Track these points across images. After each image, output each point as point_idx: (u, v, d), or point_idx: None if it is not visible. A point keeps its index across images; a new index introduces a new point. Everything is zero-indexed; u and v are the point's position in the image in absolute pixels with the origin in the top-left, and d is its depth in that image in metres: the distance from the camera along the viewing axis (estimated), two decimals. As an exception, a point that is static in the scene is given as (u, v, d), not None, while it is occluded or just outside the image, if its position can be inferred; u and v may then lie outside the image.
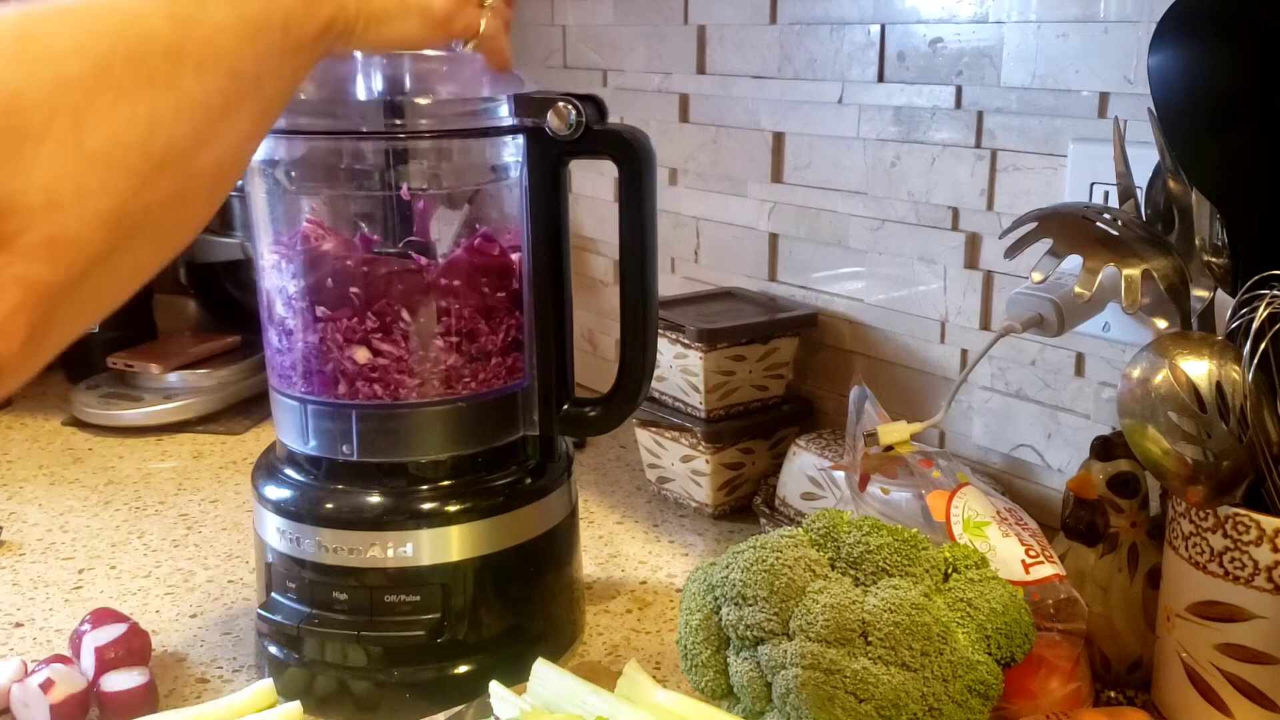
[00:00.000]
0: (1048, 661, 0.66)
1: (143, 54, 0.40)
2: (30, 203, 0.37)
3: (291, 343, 0.72)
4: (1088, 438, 0.74)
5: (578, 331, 1.28)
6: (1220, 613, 0.63)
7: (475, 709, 0.65)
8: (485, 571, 0.71)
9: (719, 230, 1.12)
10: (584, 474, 1.10)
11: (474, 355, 0.72)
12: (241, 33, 0.44)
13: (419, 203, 0.70)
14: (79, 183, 0.38)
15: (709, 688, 0.65)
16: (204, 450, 1.18)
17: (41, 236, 0.38)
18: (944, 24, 0.88)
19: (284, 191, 0.71)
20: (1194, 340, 0.63)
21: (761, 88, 1.04)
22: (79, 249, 0.39)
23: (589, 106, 0.69)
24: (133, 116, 0.40)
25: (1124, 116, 0.76)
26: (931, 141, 0.91)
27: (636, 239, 0.71)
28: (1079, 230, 0.67)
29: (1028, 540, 0.69)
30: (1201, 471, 0.61)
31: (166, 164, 0.41)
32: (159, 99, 0.40)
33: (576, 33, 1.24)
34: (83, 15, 0.39)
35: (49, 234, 0.38)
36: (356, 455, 0.72)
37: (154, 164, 0.41)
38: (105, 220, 0.39)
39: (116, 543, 0.97)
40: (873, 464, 0.75)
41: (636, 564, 0.92)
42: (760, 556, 0.64)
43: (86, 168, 0.38)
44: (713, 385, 0.96)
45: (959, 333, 0.92)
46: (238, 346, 1.33)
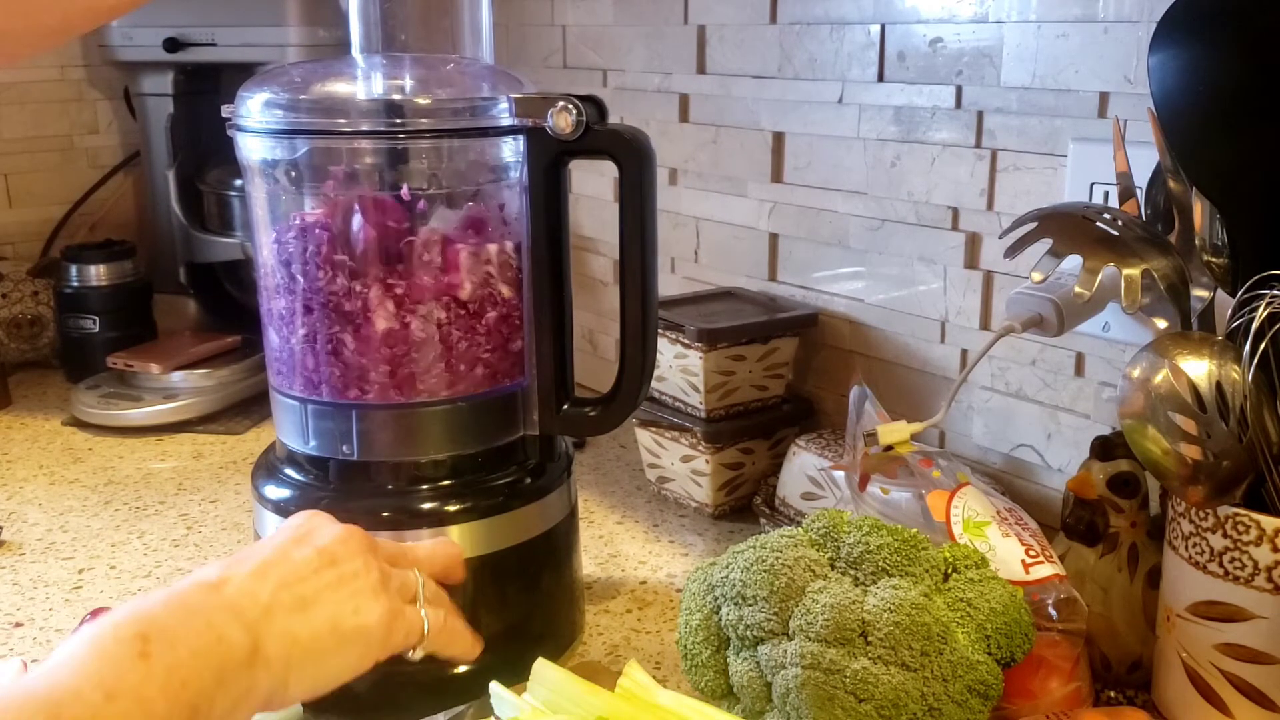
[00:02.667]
0: (1048, 661, 0.66)
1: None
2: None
3: (291, 342, 0.72)
4: (1088, 438, 0.74)
5: (578, 331, 1.28)
6: (1220, 613, 0.63)
7: (475, 709, 0.65)
8: (485, 571, 0.71)
9: (719, 230, 1.12)
10: (584, 474, 1.09)
11: (474, 355, 0.72)
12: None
13: (419, 202, 0.70)
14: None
15: (709, 688, 0.65)
16: (204, 450, 1.18)
17: None
18: (944, 24, 0.88)
19: (284, 191, 0.71)
20: (1194, 340, 0.63)
21: (761, 88, 1.04)
22: None
23: (589, 106, 0.69)
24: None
25: (1124, 116, 0.76)
26: (931, 141, 0.91)
27: (636, 239, 0.71)
28: (1079, 230, 0.67)
29: (1028, 540, 0.69)
30: (1201, 471, 0.61)
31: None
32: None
33: (576, 33, 1.24)
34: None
35: None
36: (356, 455, 0.72)
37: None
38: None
39: (116, 543, 0.97)
40: (873, 464, 0.75)
41: (636, 564, 0.92)
42: (760, 556, 0.64)
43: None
44: (713, 385, 0.96)
45: (959, 333, 0.92)
46: (238, 346, 1.32)
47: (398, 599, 0.58)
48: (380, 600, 0.56)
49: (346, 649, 0.54)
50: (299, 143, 0.70)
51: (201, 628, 0.48)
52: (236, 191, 1.32)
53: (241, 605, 0.51)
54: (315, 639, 0.53)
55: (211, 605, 0.50)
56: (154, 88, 1.38)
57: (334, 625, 0.54)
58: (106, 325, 1.34)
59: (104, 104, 1.51)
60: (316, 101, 0.70)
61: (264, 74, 0.73)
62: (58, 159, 1.49)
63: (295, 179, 0.71)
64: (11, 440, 1.20)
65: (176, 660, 0.46)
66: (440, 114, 0.69)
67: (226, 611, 0.50)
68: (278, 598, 0.52)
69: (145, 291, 1.39)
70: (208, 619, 0.49)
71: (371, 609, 0.55)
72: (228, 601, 0.51)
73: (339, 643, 0.54)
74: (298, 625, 0.52)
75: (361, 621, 0.55)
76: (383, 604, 0.56)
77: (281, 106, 0.70)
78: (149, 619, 0.47)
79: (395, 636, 0.57)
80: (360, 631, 0.55)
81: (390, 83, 0.71)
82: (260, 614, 0.51)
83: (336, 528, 0.58)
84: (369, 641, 0.55)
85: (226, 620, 0.50)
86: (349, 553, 0.56)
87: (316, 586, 0.54)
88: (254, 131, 0.71)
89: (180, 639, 0.47)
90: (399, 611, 0.57)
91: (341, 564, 0.56)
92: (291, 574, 0.54)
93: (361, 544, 0.58)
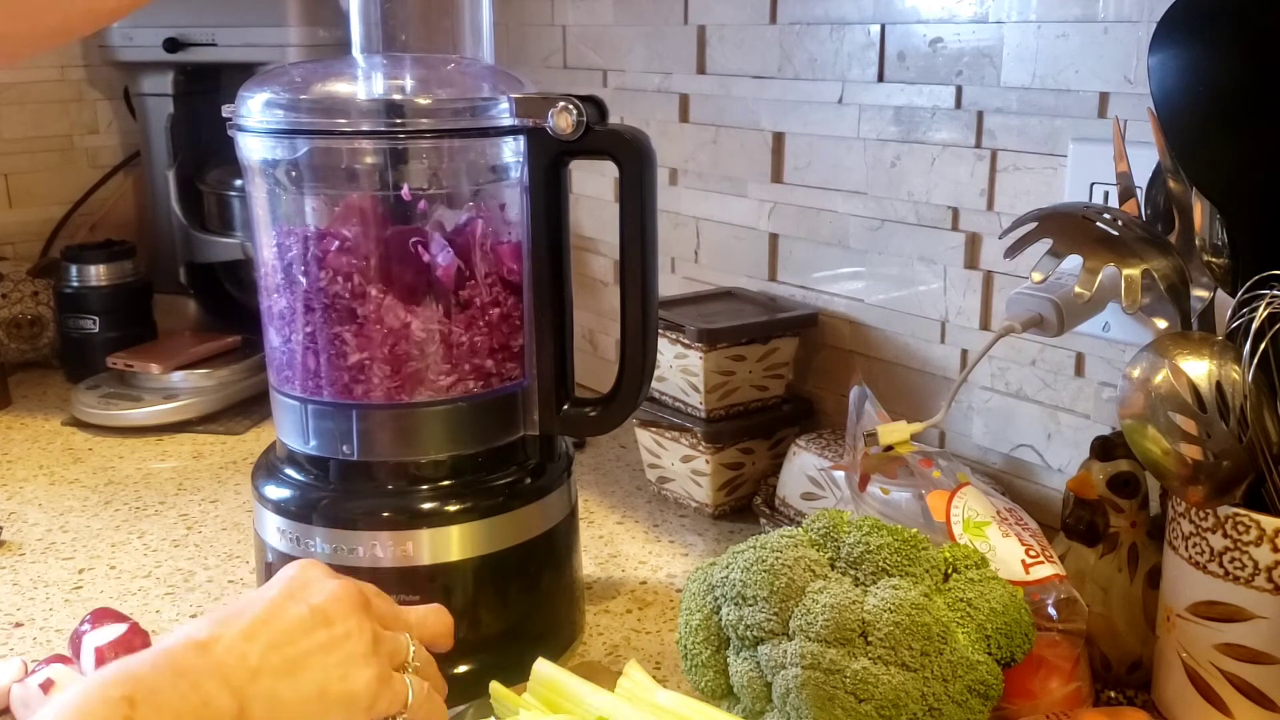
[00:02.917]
0: (1048, 661, 0.66)
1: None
2: None
3: (291, 342, 0.72)
4: (1088, 438, 0.74)
5: (578, 331, 1.28)
6: (1220, 613, 0.63)
7: (475, 709, 0.65)
8: (485, 571, 0.71)
9: (719, 230, 1.12)
10: (584, 474, 1.09)
11: (474, 355, 0.72)
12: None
13: (420, 203, 0.70)
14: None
15: (709, 688, 0.65)
16: (204, 450, 1.18)
17: None
18: (944, 24, 0.88)
19: (284, 191, 0.71)
20: (1194, 340, 0.63)
21: (761, 88, 1.04)
22: None
23: (589, 106, 0.69)
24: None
25: (1124, 116, 0.76)
26: (931, 141, 0.91)
27: (636, 239, 0.71)
28: (1079, 230, 0.67)
29: (1028, 540, 0.69)
30: (1201, 471, 0.61)
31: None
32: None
33: (576, 33, 1.24)
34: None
35: None
36: (356, 455, 0.72)
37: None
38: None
39: (116, 543, 0.97)
40: (873, 464, 0.75)
41: (636, 564, 0.92)
42: (760, 556, 0.64)
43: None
44: (713, 385, 0.96)
45: (959, 333, 0.92)
46: (238, 346, 1.32)
47: (387, 664, 0.57)
48: (369, 666, 0.55)
49: (330, 714, 0.54)
50: (299, 143, 0.70)
51: (187, 690, 0.48)
52: (236, 191, 1.32)
53: (230, 667, 0.51)
54: (302, 704, 0.52)
55: (199, 667, 0.50)
56: (154, 88, 1.38)
57: (321, 691, 0.53)
58: (106, 325, 1.34)
59: (104, 104, 1.51)
60: (317, 101, 0.70)
61: (264, 74, 0.73)
62: (58, 159, 1.49)
63: (295, 179, 0.71)
64: (11, 440, 1.20)
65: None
66: (440, 114, 0.69)
67: (214, 674, 0.50)
68: (267, 660, 0.52)
69: (145, 291, 1.39)
70: (194, 681, 0.49)
71: (360, 675, 0.55)
72: (216, 663, 0.51)
73: (324, 708, 0.53)
74: (284, 689, 0.52)
75: (349, 688, 0.54)
76: (371, 669, 0.55)
77: (282, 106, 0.70)
78: (136, 680, 0.47)
79: (380, 703, 0.56)
80: (347, 697, 0.54)
81: (390, 83, 0.71)
82: (248, 678, 0.51)
83: (332, 584, 0.57)
84: (353, 708, 0.54)
85: (214, 684, 0.50)
86: (342, 613, 0.56)
87: (306, 649, 0.53)
88: (254, 131, 0.71)
89: (166, 703, 0.47)
90: (386, 678, 0.56)
91: (334, 625, 0.55)
92: (282, 635, 0.53)
93: (355, 603, 0.57)
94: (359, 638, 0.55)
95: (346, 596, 0.56)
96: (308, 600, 0.55)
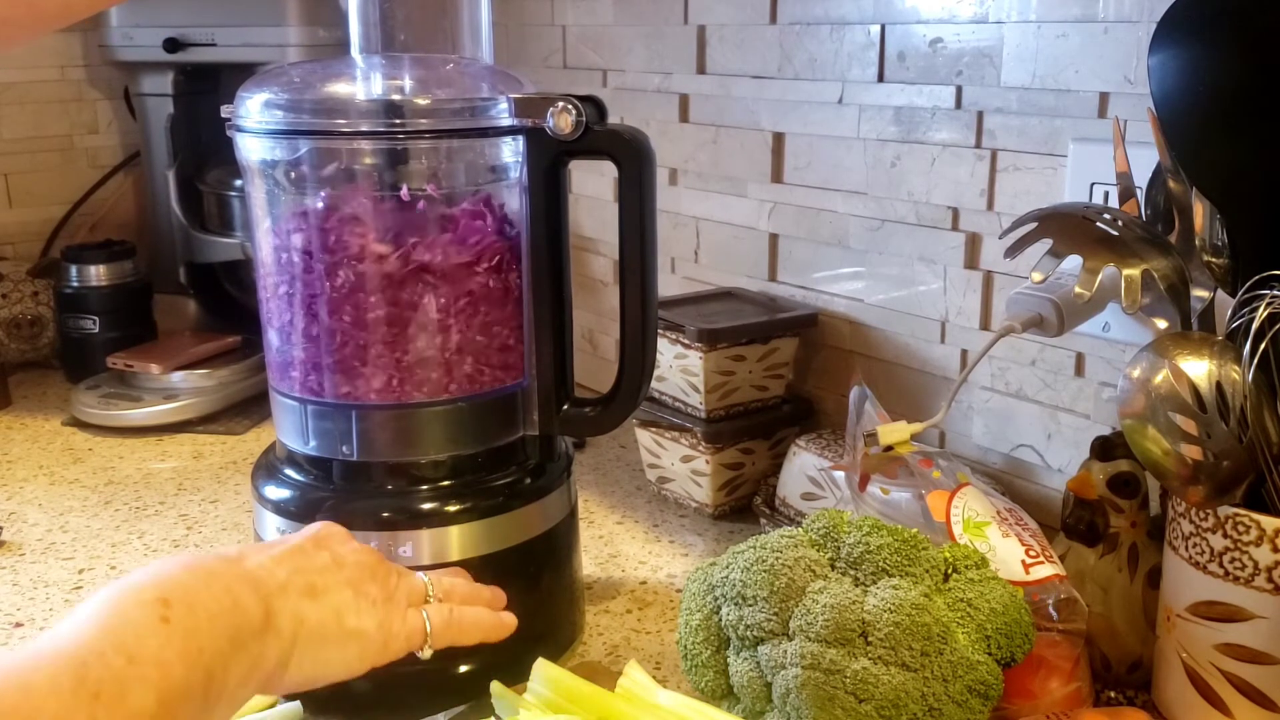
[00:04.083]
0: (1048, 661, 0.66)
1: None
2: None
3: (291, 343, 0.72)
4: (1088, 438, 0.74)
5: (578, 331, 1.28)
6: (1220, 613, 0.63)
7: (475, 709, 0.65)
8: (485, 571, 0.71)
9: (719, 230, 1.12)
10: (584, 474, 1.09)
11: (473, 355, 0.72)
12: (160, 715, 0.44)
13: (419, 203, 0.70)
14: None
15: (709, 688, 0.65)
16: (204, 450, 1.18)
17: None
18: (944, 24, 0.88)
19: (283, 191, 0.71)
20: (1194, 340, 0.63)
21: (761, 88, 1.04)
22: None
23: (589, 106, 0.69)
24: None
25: (1124, 116, 0.76)
26: (931, 141, 0.91)
27: (636, 239, 0.71)
28: (1079, 230, 0.67)
29: (1028, 540, 0.69)
30: (1201, 471, 0.61)
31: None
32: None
33: (576, 33, 1.24)
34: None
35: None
36: (356, 455, 0.72)
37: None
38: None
39: (116, 543, 0.97)
40: (873, 464, 0.75)
41: (636, 564, 0.92)
42: (760, 556, 0.64)
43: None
44: (713, 385, 0.96)
45: (959, 333, 0.92)
46: (238, 346, 1.32)
47: (400, 605, 0.60)
48: (379, 609, 0.58)
49: (347, 644, 0.56)
50: (299, 143, 0.70)
51: (220, 592, 0.50)
52: (236, 191, 1.32)
53: (259, 577, 0.53)
54: (321, 624, 0.55)
55: (231, 573, 0.52)
56: (154, 88, 1.38)
57: (339, 618, 0.56)
58: (106, 325, 1.34)
59: (104, 104, 1.51)
60: (316, 102, 0.70)
61: (264, 74, 0.73)
62: (58, 159, 1.49)
63: (295, 179, 0.71)
64: (11, 440, 1.20)
65: (195, 625, 0.47)
66: (440, 114, 0.69)
67: (244, 580, 0.52)
68: (292, 580, 0.55)
69: (145, 291, 1.39)
70: (226, 584, 0.51)
71: (371, 616, 0.58)
72: (246, 572, 0.53)
73: (341, 636, 0.56)
74: (307, 608, 0.54)
75: (362, 624, 0.57)
76: (381, 613, 0.58)
77: (281, 107, 0.70)
78: (170, 582, 0.48)
79: (394, 643, 0.59)
80: (358, 633, 0.57)
81: (390, 83, 0.71)
82: (275, 589, 0.53)
83: (353, 543, 0.61)
84: (366, 644, 0.57)
85: (244, 588, 0.51)
86: (358, 562, 0.59)
87: (327, 581, 0.57)
88: (254, 132, 0.71)
89: (200, 603, 0.48)
90: (398, 619, 0.59)
91: (350, 570, 0.58)
92: (306, 564, 0.57)
93: (373, 557, 0.61)
94: (372, 584, 0.59)
95: (364, 550, 0.61)
96: (330, 548, 0.59)
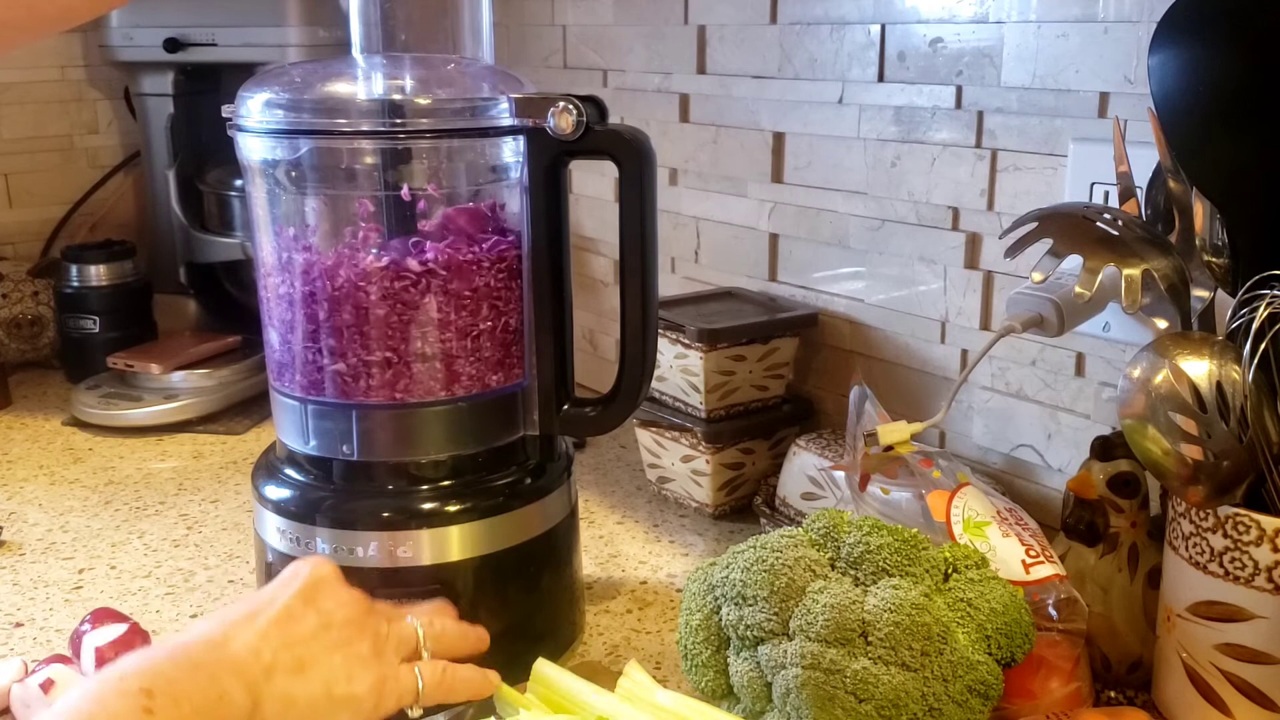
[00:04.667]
0: (1048, 661, 0.66)
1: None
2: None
3: (291, 343, 0.72)
4: (1088, 438, 0.74)
5: (578, 331, 1.28)
6: (1220, 613, 0.63)
7: (475, 709, 0.65)
8: (485, 571, 0.71)
9: (719, 230, 1.12)
10: (584, 474, 1.09)
11: (474, 355, 0.72)
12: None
13: (419, 203, 0.70)
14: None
15: (709, 688, 0.65)
16: (204, 450, 1.18)
17: None
18: (944, 24, 0.88)
19: (284, 191, 0.71)
20: (1194, 340, 0.63)
21: (761, 88, 1.04)
22: None
23: (589, 106, 0.69)
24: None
25: (1124, 116, 0.76)
26: (931, 141, 0.91)
27: (636, 239, 0.71)
28: (1079, 230, 0.67)
29: (1028, 540, 0.69)
30: (1201, 471, 0.61)
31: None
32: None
33: (576, 33, 1.24)
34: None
35: None
36: (356, 455, 0.72)
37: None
38: None
39: (116, 543, 0.97)
40: (873, 464, 0.75)
41: (636, 564, 0.92)
42: (760, 556, 0.64)
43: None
44: (713, 385, 0.96)
45: (959, 333, 0.92)
46: (238, 346, 1.32)
47: (392, 662, 0.59)
48: (372, 669, 0.57)
49: (337, 714, 0.55)
50: (299, 143, 0.70)
51: (205, 683, 0.49)
52: (236, 191, 1.32)
53: (245, 664, 0.52)
54: (310, 702, 0.54)
55: (215, 662, 0.51)
56: (154, 88, 1.38)
57: (328, 690, 0.55)
58: (106, 325, 1.34)
59: (104, 104, 1.51)
60: (317, 101, 0.70)
61: (264, 74, 0.73)
62: (58, 159, 1.49)
63: (295, 179, 0.71)
64: (11, 440, 1.20)
65: (179, 717, 0.47)
66: (440, 114, 0.69)
67: (230, 669, 0.51)
68: (279, 658, 0.54)
69: (145, 291, 1.39)
70: (211, 675, 0.50)
71: (363, 678, 0.57)
72: (231, 658, 0.52)
73: (331, 707, 0.55)
74: (295, 687, 0.53)
75: (354, 690, 0.56)
76: (374, 673, 0.57)
77: (282, 106, 0.70)
78: (154, 673, 0.48)
79: (387, 701, 0.58)
80: (351, 699, 0.56)
81: (390, 83, 0.71)
82: (262, 675, 0.52)
83: (342, 591, 0.59)
84: (357, 708, 0.56)
85: (229, 678, 0.51)
86: (348, 618, 0.58)
87: (315, 650, 0.55)
88: (254, 131, 0.71)
89: (184, 695, 0.48)
90: (391, 677, 0.58)
91: (341, 629, 0.57)
92: (294, 636, 0.55)
93: (362, 608, 0.59)
94: (361, 642, 0.57)
95: (353, 602, 0.59)
96: (318, 604, 0.57)
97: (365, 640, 0.58)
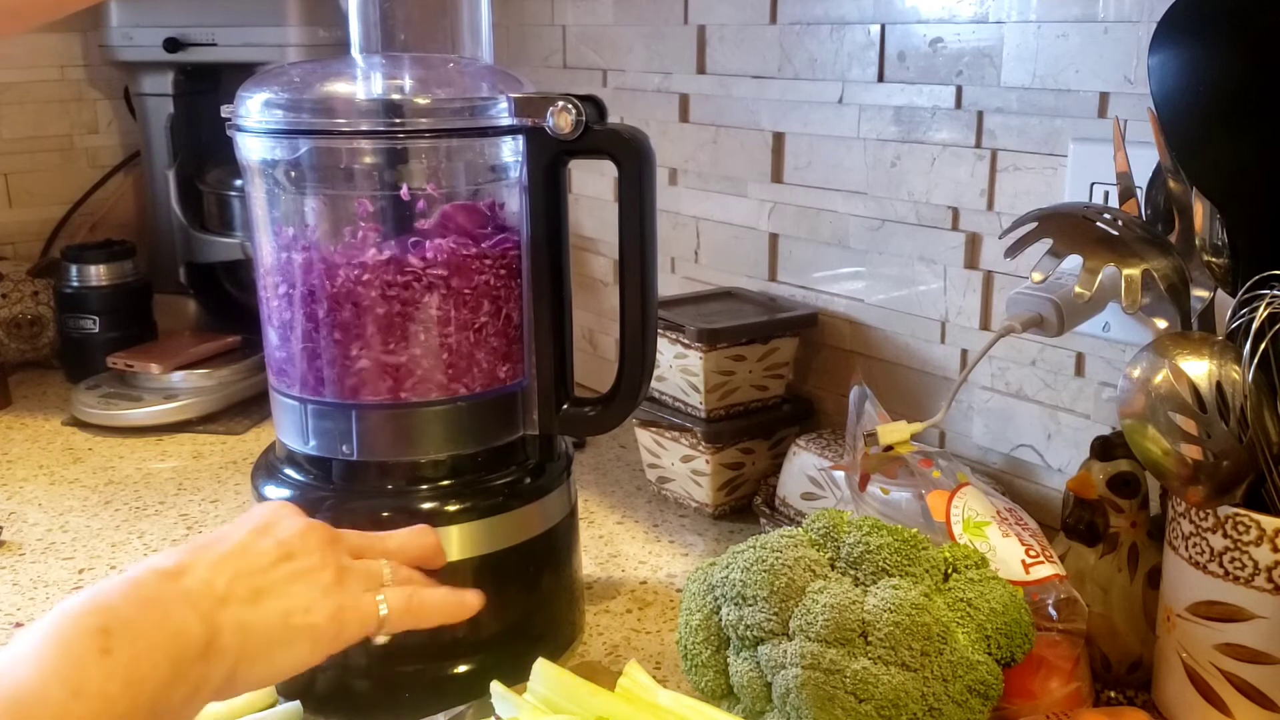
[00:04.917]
0: (1048, 661, 0.66)
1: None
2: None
3: (291, 343, 0.72)
4: (1088, 438, 0.74)
5: (578, 331, 1.28)
6: (1220, 613, 0.63)
7: (475, 709, 0.65)
8: (485, 571, 0.71)
9: (719, 230, 1.12)
10: (584, 474, 1.09)
11: (473, 355, 0.72)
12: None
13: (419, 203, 0.70)
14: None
15: (709, 688, 0.65)
16: (204, 450, 1.18)
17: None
18: (944, 24, 0.88)
19: (283, 191, 0.71)
20: (1194, 340, 0.63)
21: (761, 88, 1.04)
22: None
23: (589, 106, 0.69)
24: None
25: (1124, 116, 0.76)
26: (931, 141, 0.91)
27: (636, 239, 0.71)
28: (1079, 230, 0.67)
29: (1028, 540, 0.69)
30: (1201, 471, 0.61)
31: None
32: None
33: (576, 33, 1.24)
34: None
35: None
36: (356, 455, 0.72)
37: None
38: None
39: (116, 543, 0.97)
40: (873, 464, 0.75)
41: (636, 564, 0.92)
42: (760, 556, 0.64)
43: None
44: (713, 385, 0.96)
45: (959, 333, 0.92)
46: (238, 346, 1.32)
47: (354, 592, 0.58)
48: (331, 597, 0.56)
49: (296, 643, 0.54)
50: (299, 143, 0.70)
51: (159, 619, 0.49)
52: (236, 191, 1.32)
53: (198, 595, 0.51)
54: (267, 631, 0.53)
55: (169, 595, 0.50)
56: (154, 88, 1.38)
57: (285, 619, 0.54)
58: (106, 325, 1.34)
59: (104, 104, 1.51)
60: (316, 101, 0.70)
61: (264, 74, 0.73)
62: (58, 159, 1.49)
63: (295, 179, 0.71)
64: (11, 440, 1.20)
65: (136, 654, 0.46)
66: (440, 114, 0.69)
67: (183, 602, 0.50)
68: (233, 589, 0.53)
69: (145, 291, 1.39)
70: (165, 609, 0.49)
71: (322, 607, 0.56)
72: (185, 591, 0.51)
73: (289, 636, 0.54)
74: (251, 616, 0.53)
75: (311, 620, 0.55)
76: (333, 601, 0.56)
77: (281, 106, 0.70)
78: (109, 610, 0.47)
79: (348, 630, 0.57)
80: (309, 629, 0.55)
81: (390, 83, 0.71)
82: (215, 604, 0.52)
83: (299, 521, 0.58)
84: (317, 638, 0.55)
85: (183, 611, 0.50)
86: (307, 548, 0.57)
87: (272, 579, 0.55)
88: (254, 131, 0.71)
89: (140, 632, 0.47)
90: (351, 606, 0.57)
91: (298, 559, 0.56)
92: (248, 566, 0.54)
93: (321, 539, 0.58)
94: (322, 571, 0.56)
95: (313, 533, 0.58)
96: (274, 536, 0.57)
97: (328, 570, 0.57)
